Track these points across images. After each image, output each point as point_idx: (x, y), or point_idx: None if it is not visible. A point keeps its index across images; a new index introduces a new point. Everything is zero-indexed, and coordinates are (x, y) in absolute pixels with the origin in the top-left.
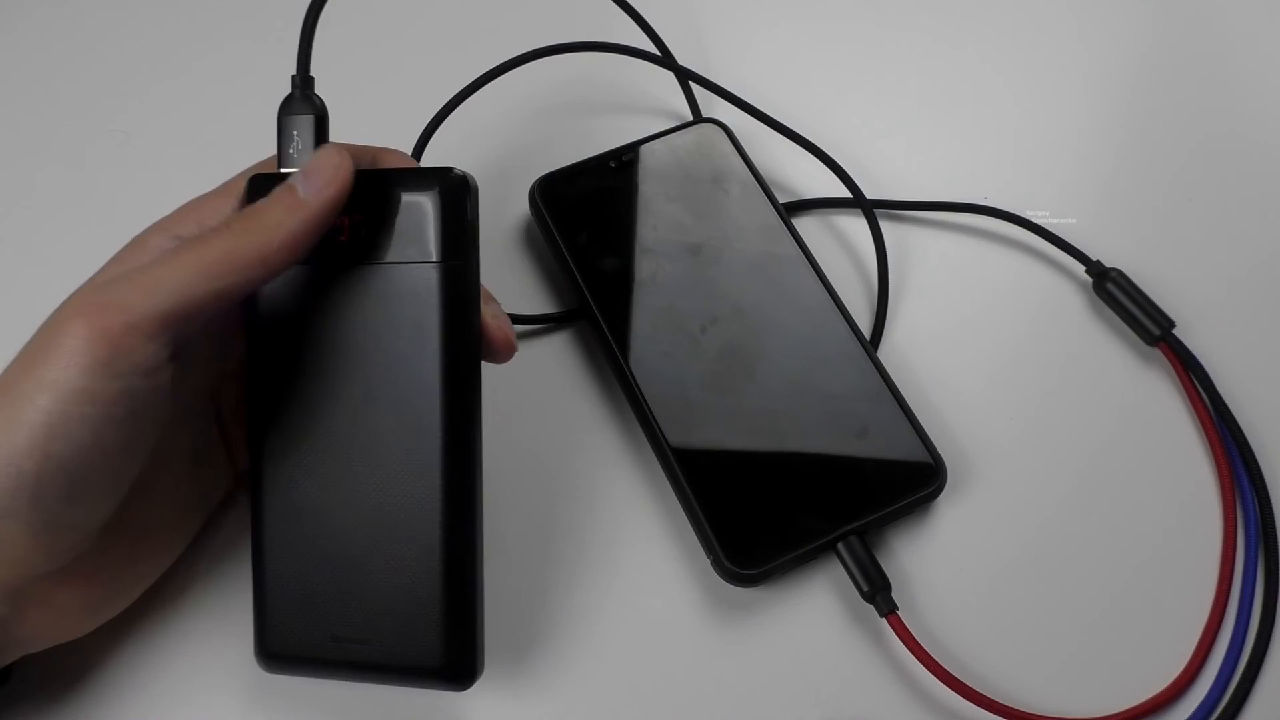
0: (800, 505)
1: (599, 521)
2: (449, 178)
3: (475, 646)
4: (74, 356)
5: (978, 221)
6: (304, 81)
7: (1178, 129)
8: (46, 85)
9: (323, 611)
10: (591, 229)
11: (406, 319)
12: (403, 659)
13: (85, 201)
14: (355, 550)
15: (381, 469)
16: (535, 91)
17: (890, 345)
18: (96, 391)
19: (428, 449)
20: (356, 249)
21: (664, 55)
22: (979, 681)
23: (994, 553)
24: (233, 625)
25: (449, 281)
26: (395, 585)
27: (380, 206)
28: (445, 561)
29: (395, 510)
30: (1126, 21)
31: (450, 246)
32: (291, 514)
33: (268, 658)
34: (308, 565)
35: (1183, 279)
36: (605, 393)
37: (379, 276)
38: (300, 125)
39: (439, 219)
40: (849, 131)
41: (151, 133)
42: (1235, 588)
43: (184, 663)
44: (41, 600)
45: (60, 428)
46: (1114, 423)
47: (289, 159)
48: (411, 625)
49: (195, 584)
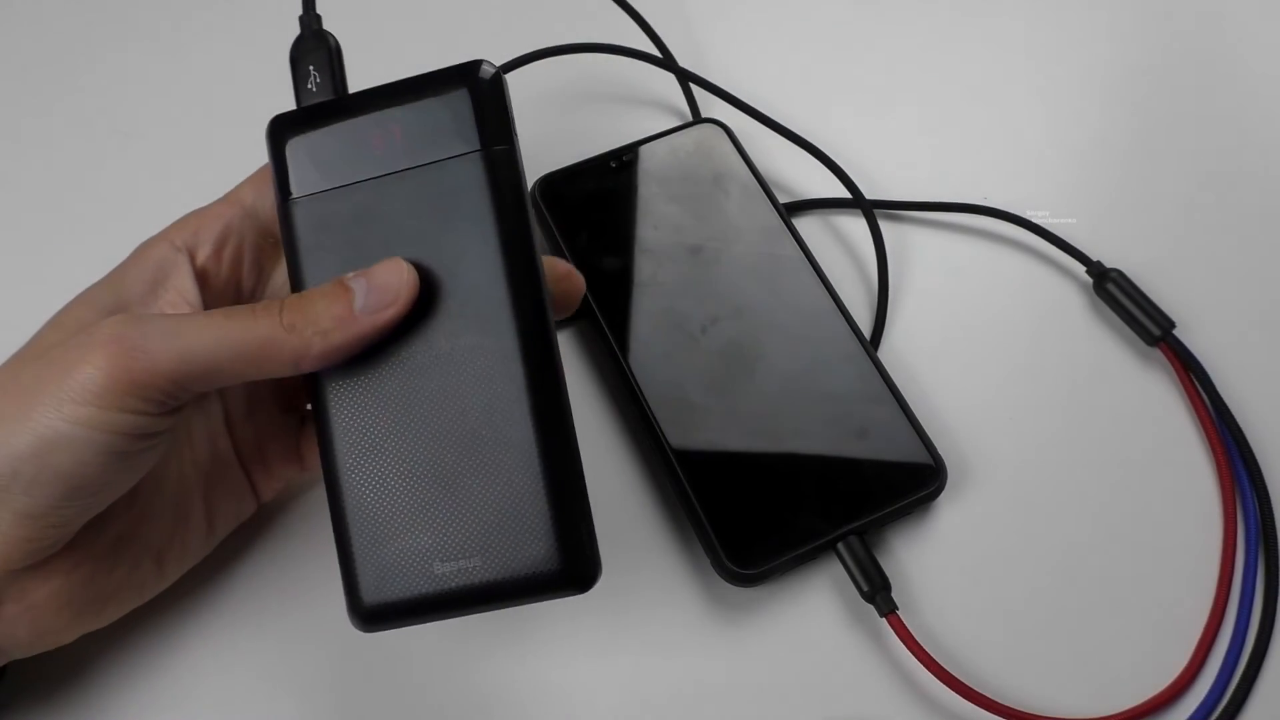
0: (800, 505)
1: (598, 521)
2: (479, 69)
3: (592, 543)
4: (92, 385)
5: (978, 222)
6: (311, 19)
7: (1178, 129)
8: (46, 85)
9: (420, 547)
10: (591, 229)
11: (459, 212)
12: (517, 571)
13: (85, 201)
14: (443, 472)
15: (456, 377)
16: (534, 92)
17: (890, 345)
18: (106, 421)
19: (503, 345)
20: (392, 158)
21: (665, 56)
22: (979, 681)
23: (994, 553)
24: (232, 633)
25: (495, 167)
26: (494, 497)
27: (411, 114)
28: (544, 459)
29: (479, 417)
30: (1127, 21)
31: (490, 133)
32: (368, 450)
33: (368, 615)
34: (396, 502)
35: (1183, 279)
36: (605, 393)
37: (421, 179)
38: (316, 61)
39: (475, 108)
40: (848, 131)
41: (151, 133)
42: (1235, 588)
43: (180, 673)
44: (16, 597)
45: (64, 442)
46: (1114, 423)
47: (309, 95)
48: (520, 533)
49: (193, 593)
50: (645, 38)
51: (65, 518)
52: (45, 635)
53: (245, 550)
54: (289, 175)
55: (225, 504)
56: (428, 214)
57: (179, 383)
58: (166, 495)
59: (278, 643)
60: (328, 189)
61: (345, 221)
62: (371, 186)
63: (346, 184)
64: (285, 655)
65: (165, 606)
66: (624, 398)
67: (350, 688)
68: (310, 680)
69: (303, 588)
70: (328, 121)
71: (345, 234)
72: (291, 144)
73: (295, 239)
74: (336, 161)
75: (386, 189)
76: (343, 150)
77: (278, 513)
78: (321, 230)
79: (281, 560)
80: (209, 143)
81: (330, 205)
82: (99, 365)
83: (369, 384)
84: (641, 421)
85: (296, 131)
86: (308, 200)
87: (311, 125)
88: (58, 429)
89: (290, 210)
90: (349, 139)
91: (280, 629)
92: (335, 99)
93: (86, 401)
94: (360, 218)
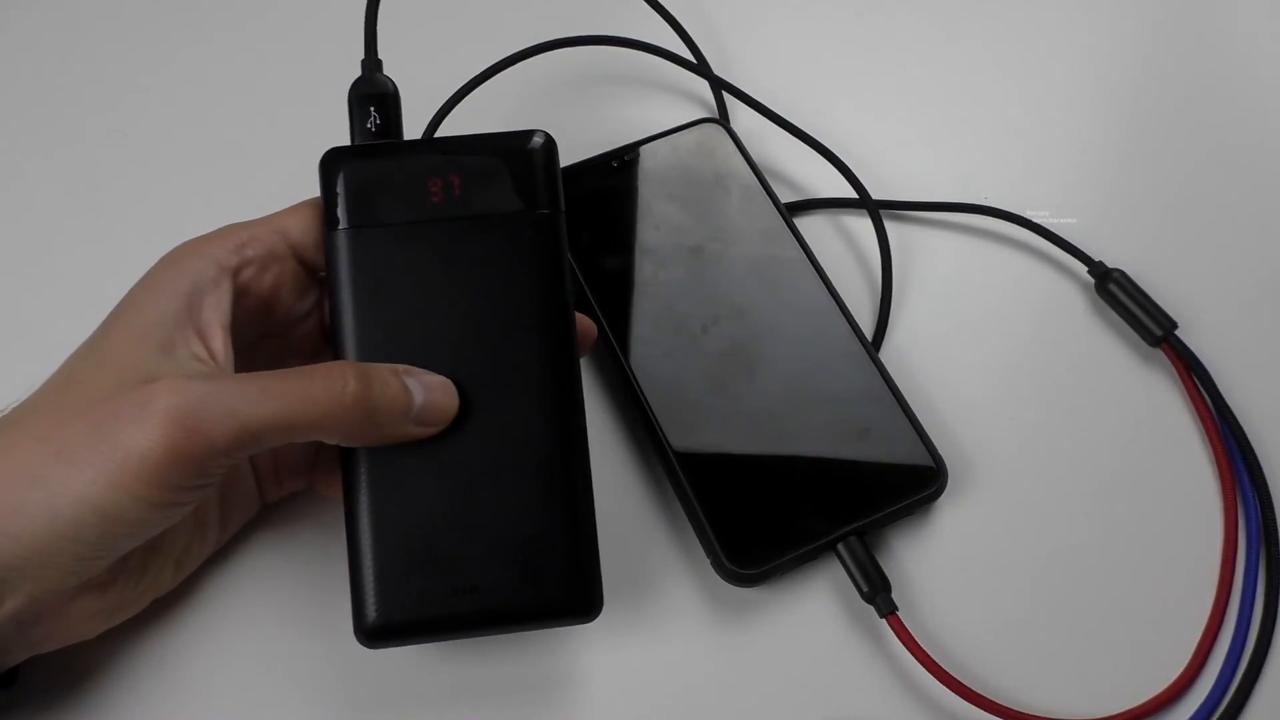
0: (801, 505)
1: (599, 521)
2: (536, 137)
3: (597, 575)
4: (149, 464)
5: (979, 222)
6: (373, 64)
7: (1180, 129)
8: (47, 85)
9: (432, 568)
10: (593, 229)
11: (503, 265)
12: (525, 599)
13: (86, 201)
14: (461, 500)
15: (484, 410)
16: (535, 89)
17: (891, 346)
18: (159, 497)
19: (532, 388)
20: (446, 206)
21: (699, 61)
22: (979, 682)
23: (994, 554)
24: (238, 630)
25: (542, 229)
26: (510, 527)
27: (470, 166)
28: (562, 497)
29: (503, 450)
30: (1129, 21)
31: (540, 197)
32: (390, 474)
33: (375, 632)
34: (412, 520)
35: (1185, 280)
36: (606, 392)
37: (470, 229)
38: (376, 103)
39: (529, 171)
40: (850, 131)
41: (152, 132)
42: (1236, 589)
43: (189, 666)
44: (57, 609)
45: (112, 511)
46: (1116, 424)
47: (366, 134)
48: (531, 563)
49: (203, 590)
50: (672, 35)
51: (110, 558)
52: (73, 637)
53: (250, 545)
54: (339, 207)
55: (237, 508)
56: (473, 263)
57: (232, 455)
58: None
59: (281, 632)
60: (376, 225)
61: (390, 260)
62: (419, 230)
63: (395, 224)
64: (291, 645)
65: (172, 611)
66: (625, 398)
67: (350, 688)
68: (314, 671)
69: (308, 581)
70: (384, 161)
71: (390, 272)
72: (346, 177)
73: (339, 270)
74: (388, 201)
75: (434, 235)
76: (396, 191)
77: (286, 510)
78: (366, 265)
79: (287, 556)
80: (209, 143)
81: (377, 242)
82: (155, 443)
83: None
84: (642, 421)
85: (352, 165)
86: (354, 233)
87: (368, 162)
88: (111, 498)
89: (336, 241)
90: (404, 181)
91: (286, 621)
92: (392, 141)
93: (142, 479)
94: (407, 260)
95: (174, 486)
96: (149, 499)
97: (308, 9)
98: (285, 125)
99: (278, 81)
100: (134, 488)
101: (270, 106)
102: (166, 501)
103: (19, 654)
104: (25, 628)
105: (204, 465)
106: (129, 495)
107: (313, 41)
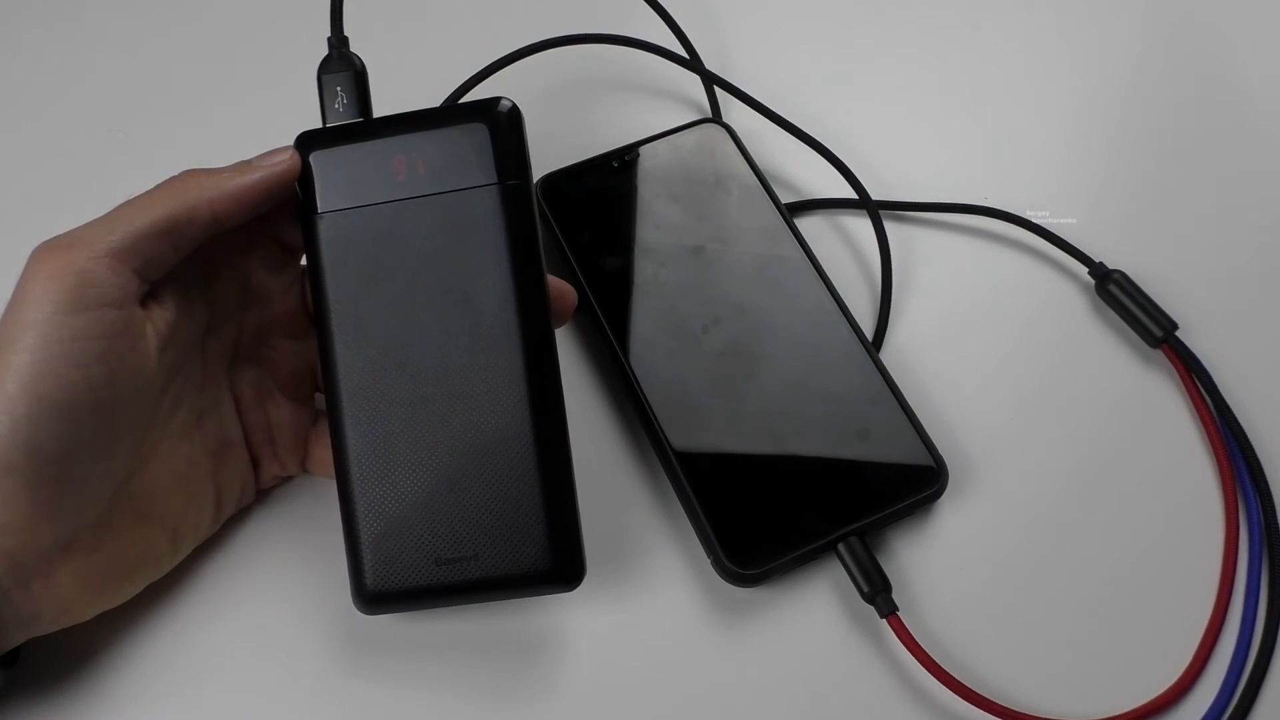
0: (801, 506)
1: (599, 521)
2: (498, 106)
3: (579, 545)
4: (44, 295)
5: (979, 222)
6: (339, 41)
7: (1179, 129)
8: (48, 85)
9: (422, 538)
10: (594, 229)
11: (474, 239)
12: (511, 568)
13: (86, 201)
14: (448, 472)
15: (466, 390)
16: (535, 89)
17: (891, 346)
18: (72, 326)
19: (511, 365)
20: (413, 184)
21: (691, 58)
22: (979, 683)
23: (995, 554)
24: (236, 616)
25: (510, 200)
26: (494, 498)
27: (432, 141)
28: (541, 469)
29: (485, 427)
30: (1129, 22)
31: (507, 168)
32: (379, 447)
33: (371, 599)
34: (402, 495)
35: (1185, 280)
36: (606, 392)
37: (440, 206)
38: (342, 81)
39: (494, 143)
40: (849, 132)
41: (153, 132)
42: (1237, 590)
43: (188, 653)
44: (43, 573)
45: (45, 366)
46: (1116, 425)
47: (334, 114)
48: (516, 533)
49: (201, 574)
50: (669, 34)
51: (79, 473)
52: (67, 612)
53: (255, 541)
54: (315, 191)
55: (231, 486)
56: (445, 239)
57: (122, 255)
58: (178, 475)
59: (279, 608)
60: (351, 207)
61: (367, 240)
62: (393, 209)
63: (369, 204)
64: (289, 623)
65: (170, 596)
66: (625, 397)
67: (350, 687)
68: (313, 654)
69: (306, 562)
70: (354, 143)
71: (367, 252)
72: (319, 162)
73: (320, 253)
74: (361, 182)
75: (407, 212)
76: (367, 172)
77: (281, 495)
78: (345, 246)
79: (284, 538)
80: (210, 143)
81: (353, 223)
82: (42, 274)
83: (384, 387)
84: (642, 421)
85: (324, 150)
86: (332, 216)
87: (338, 145)
88: (33, 351)
89: (316, 225)
90: (374, 162)
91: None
92: (361, 121)
93: (48, 315)
94: (382, 238)
95: (78, 305)
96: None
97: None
98: (285, 126)
99: (279, 82)
100: (45, 320)
101: (272, 108)
102: (80, 329)
103: (13, 631)
104: (8, 594)
105: (92, 273)
106: (48, 336)
107: (313, 38)
